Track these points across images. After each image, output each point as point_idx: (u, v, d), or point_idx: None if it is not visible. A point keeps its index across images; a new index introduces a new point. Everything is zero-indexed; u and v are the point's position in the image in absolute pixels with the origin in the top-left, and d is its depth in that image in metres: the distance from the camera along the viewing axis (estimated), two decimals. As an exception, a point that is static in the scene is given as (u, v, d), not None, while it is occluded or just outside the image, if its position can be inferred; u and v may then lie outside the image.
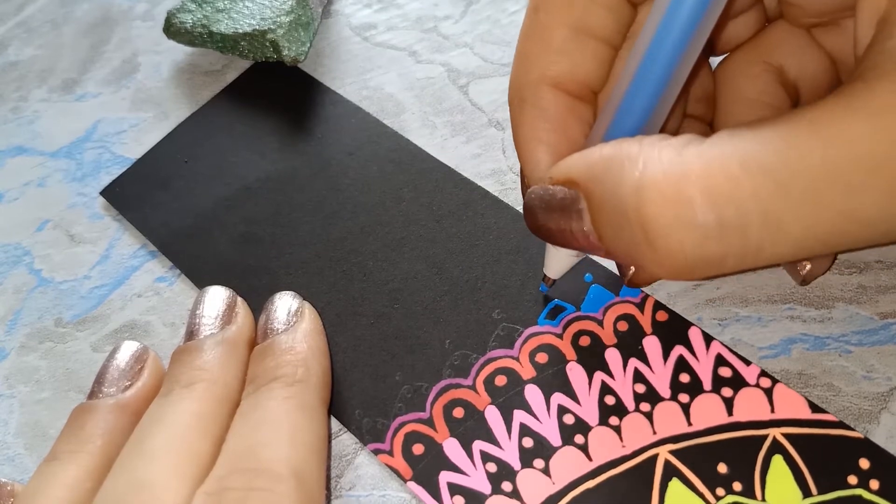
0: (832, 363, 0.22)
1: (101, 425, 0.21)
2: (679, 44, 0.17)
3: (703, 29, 0.17)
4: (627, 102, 0.18)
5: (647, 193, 0.16)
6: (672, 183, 0.16)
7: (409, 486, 0.22)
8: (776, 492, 0.20)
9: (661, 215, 0.16)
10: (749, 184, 0.15)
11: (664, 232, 0.16)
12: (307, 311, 0.24)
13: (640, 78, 0.18)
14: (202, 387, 0.21)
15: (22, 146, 0.33)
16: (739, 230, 0.16)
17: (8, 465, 0.25)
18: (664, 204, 0.16)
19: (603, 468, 0.21)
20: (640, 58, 0.18)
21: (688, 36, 0.17)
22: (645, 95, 0.18)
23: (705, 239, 0.16)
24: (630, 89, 0.18)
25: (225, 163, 0.29)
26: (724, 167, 0.15)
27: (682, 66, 0.18)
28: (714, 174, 0.15)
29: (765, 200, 0.15)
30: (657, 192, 0.16)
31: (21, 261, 0.29)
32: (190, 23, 0.32)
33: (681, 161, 0.16)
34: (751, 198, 0.15)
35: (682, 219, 0.16)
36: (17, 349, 0.27)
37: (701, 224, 0.16)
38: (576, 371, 0.23)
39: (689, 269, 0.16)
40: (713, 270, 0.17)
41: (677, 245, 0.16)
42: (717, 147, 0.16)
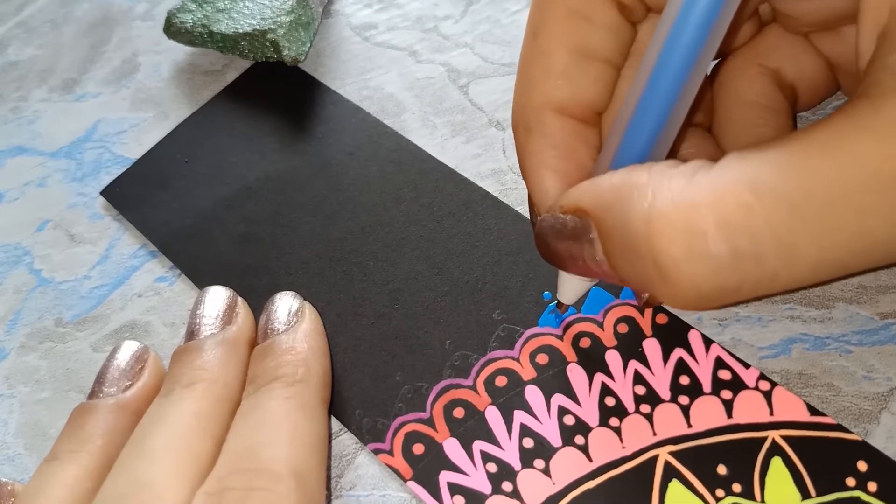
0: (832, 363, 0.22)
1: (102, 425, 0.21)
2: (685, 63, 0.17)
3: (710, 46, 0.17)
4: (635, 125, 0.18)
5: (657, 226, 0.16)
6: (682, 214, 0.15)
7: (409, 485, 0.22)
8: (775, 493, 0.20)
9: (673, 248, 0.15)
10: (762, 210, 0.15)
11: (676, 265, 0.16)
12: (308, 311, 0.24)
13: (647, 100, 0.18)
14: (202, 387, 0.21)
15: (22, 146, 0.33)
16: (754, 259, 0.15)
17: (8, 465, 0.25)
18: (675, 236, 0.15)
19: (603, 469, 0.21)
20: (645, 79, 0.18)
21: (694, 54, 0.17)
22: (652, 118, 0.18)
23: (719, 270, 0.15)
24: (636, 112, 0.18)
25: (225, 163, 0.29)
26: (735, 194, 0.15)
27: (690, 86, 0.18)
28: (725, 202, 0.15)
29: (778, 226, 0.15)
30: (667, 223, 0.15)
31: (21, 261, 0.29)
32: (190, 23, 0.32)
33: (691, 190, 0.15)
34: (764, 224, 0.15)
35: (695, 251, 0.15)
36: (17, 349, 0.27)
37: (714, 255, 0.15)
38: (576, 372, 0.23)
39: (703, 301, 0.16)
40: (728, 300, 0.16)
41: (690, 278, 0.16)
42: (726, 173, 0.15)
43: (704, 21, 0.16)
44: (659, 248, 0.16)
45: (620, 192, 0.17)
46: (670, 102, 0.17)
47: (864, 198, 0.15)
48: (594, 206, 0.17)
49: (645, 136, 0.18)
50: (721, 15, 0.17)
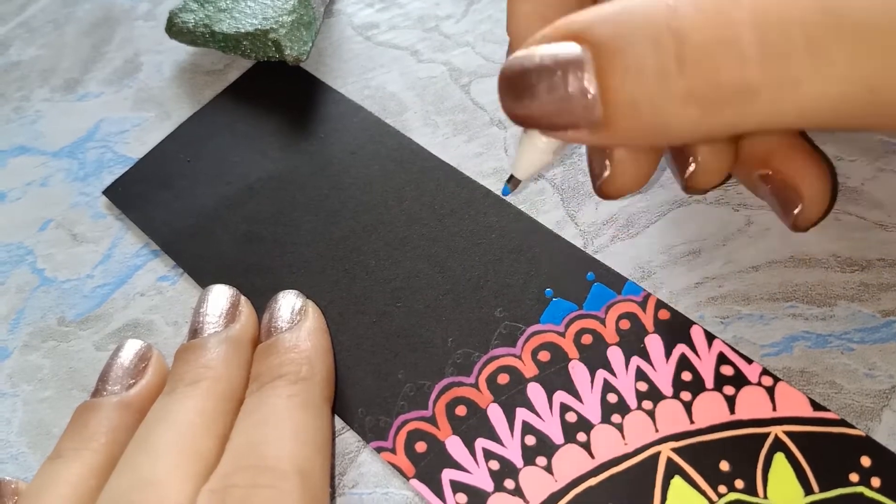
0: (834, 361, 0.22)
1: (105, 423, 0.21)
2: None
3: None
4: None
5: (686, 13, 0.15)
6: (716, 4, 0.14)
7: (411, 483, 0.22)
8: (778, 489, 0.20)
9: (704, 37, 0.14)
10: (797, 7, 0.14)
11: (706, 55, 0.15)
12: (311, 309, 0.24)
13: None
14: (206, 384, 0.21)
15: (24, 146, 0.33)
16: (781, 56, 0.14)
17: (11, 464, 0.25)
18: (706, 25, 0.14)
19: (605, 466, 0.21)
20: None
21: None
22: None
23: (744, 63, 0.14)
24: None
25: (227, 162, 0.29)
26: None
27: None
28: None
29: (811, 26, 0.14)
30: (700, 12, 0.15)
31: (24, 260, 0.29)
32: (192, 22, 0.32)
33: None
34: (796, 22, 0.14)
35: (725, 40, 0.14)
36: (20, 348, 0.27)
37: (744, 46, 0.14)
38: (578, 369, 0.23)
39: (722, 102, 0.15)
40: (742, 105, 0.15)
41: (713, 71, 0.15)
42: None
43: None
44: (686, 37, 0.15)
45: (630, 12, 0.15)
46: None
47: None
48: (593, 26, 0.16)
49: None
50: None
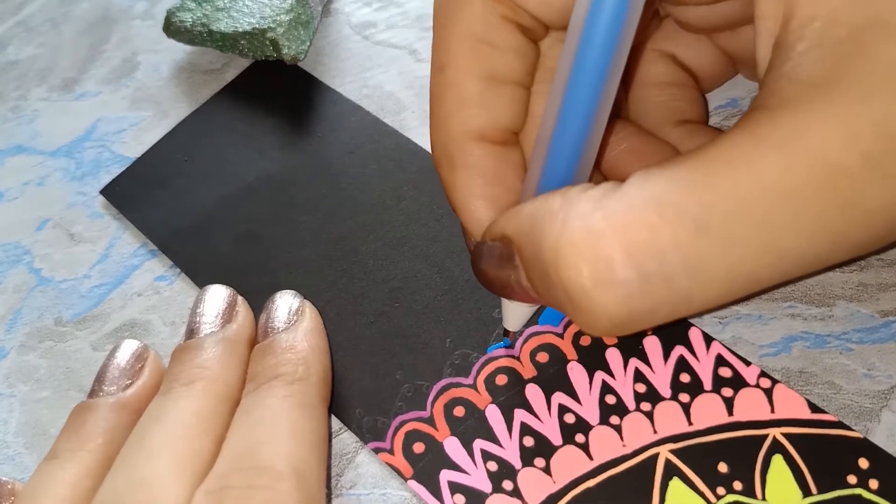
0: (833, 361, 0.22)
1: (102, 424, 0.21)
2: (596, 81, 0.17)
3: (618, 63, 0.17)
4: (556, 145, 0.18)
5: (564, 254, 0.15)
6: (588, 241, 0.15)
7: (409, 484, 0.22)
8: (776, 491, 0.20)
9: (580, 277, 0.15)
10: (667, 230, 0.15)
11: (586, 294, 0.15)
12: (308, 309, 0.24)
13: (564, 120, 0.17)
14: (202, 385, 0.21)
15: (21, 145, 0.33)
16: (664, 281, 0.15)
17: (8, 464, 0.25)
18: (581, 264, 0.15)
19: (604, 467, 0.21)
20: (559, 100, 0.17)
21: (604, 72, 0.17)
22: (571, 136, 0.17)
23: (630, 296, 0.15)
24: (556, 132, 0.18)
25: (225, 162, 0.29)
26: (639, 216, 0.15)
27: (604, 101, 0.17)
28: (630, 226, 0.15)
29: (685, 245, 0.15)
30: (574, 251, 0.15)
31: (21, 260, 0.29)
32: (189, 21, 0.32)
33: (597, 216, 0.15)
34: (670, 245, 0.15)
35: (602, 278, 0.15)
36: (17, 348, 0.27)
37: (623, 281, 0.15)
38: (576, 370, 0.23)
39: (618, 328, 0.16)
40: (644, 324, 0.16)
41: (601, 306, 0.15)
42: (631, 194, 0.15)
43: (610, 36, 0.16)
44: (567, 278, 0.15)
45: (535, 219, 0.17)
46: (587, 119, 0.17)
47: (766, 210, 0.14)
48: (515, 234, 0.17)
49: (567, 155, 0.18)
50: (626, 28, 0.16)
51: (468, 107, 0.19)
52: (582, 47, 0.17)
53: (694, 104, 0.24)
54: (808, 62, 0.15)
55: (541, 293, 0.17)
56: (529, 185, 0.19)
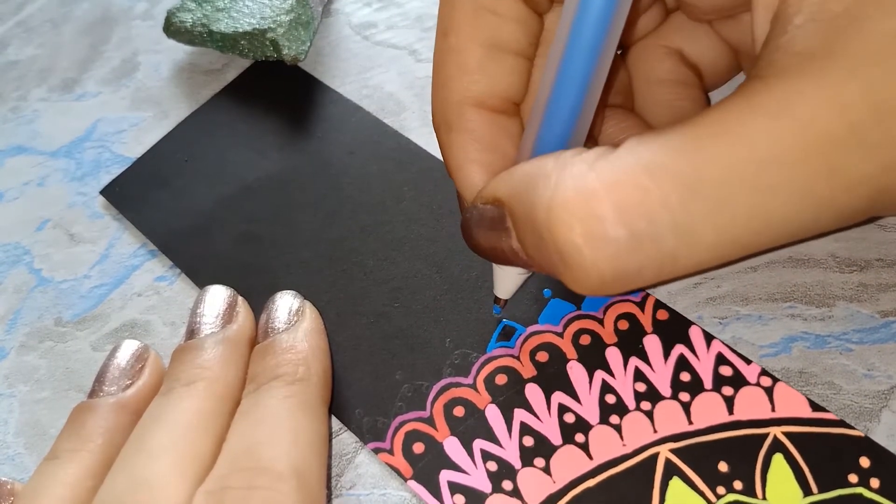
0: (833, 361, 0.22)
1: (102, 424, 0.21)
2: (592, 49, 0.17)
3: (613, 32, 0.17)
4: (551, 112, 0.18)
5: (557, 212, 0.16)
6: (581, 199, 0.16)
7: (409, 484, 0.22)
8: (777, 490, 0.20)
9: (572, 234, 0.16)
10: (658, 192, 0.15)
11: (577, 250, 0.16)
12: (308, 310, 0.24)
13: (560, 86, 0.18)
14: (203, 385, 0.21)
15: (22, 146, 0.33)
16: (652, 240, 0.15)
17: (8, 465, 0.25)
18: (574, 222, 0.16)
19: (603, 467, 0.21)
20: (556, 67, 0.18)
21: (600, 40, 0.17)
22: (566, 103, 0.18)
23: (618, 253, 0.16)
24: (552, 98, 0.18)
25: (225, 162, 0.29)
26: (632, 178, 0.15)
27: (599, 70, 0.18)
28: (622, 186, 0.15)
29: (675, 207, 0.15)
30: (566, 210, 0.16)
31: (21, 260, 0.29)
32: (190, 22, 0.32)
33: (590, 176, 0.16)
34: (660, 206, 0.15)
35: (593, 235, 0.16)
36: (16, 348, 0.27)
37: (613, 238, 0.15)
38: (576, 370, 0.23)
39: (606, 286, 0.16)
40: (631, 284, 0.16)
41: (591, 263, 0.16)
42: (624, 158, 0.16)
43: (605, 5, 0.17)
44: (559, 235, 0.16)
45: (528, 181, 0.17)
46: (583, 84, 0.18)
47: (756, 176, 0.15)
48: (507, 196, 0.18)
49: (562, 121, 0.18)
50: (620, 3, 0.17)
51: (469, 73, 0.20)
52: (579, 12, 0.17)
53: (697, 104, 0.24)
54: (804, 35, 0.15)
55: (532, 255, 0.18)
56: (524, 150, 0.20)
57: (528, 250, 0.18)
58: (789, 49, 0.15)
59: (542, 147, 0.19)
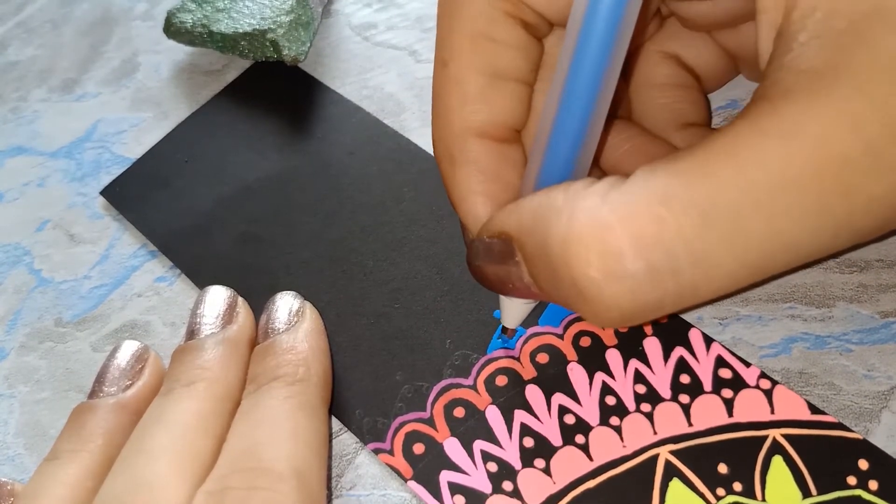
0: (833, 362, 0.22)
1: (102, 424, 0.21)
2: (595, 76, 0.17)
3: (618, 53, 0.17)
4: (555, 141, 0.18)
5: (573, 248, 0.16)
6: (597, 234, 0.15)
7: (409, 485, 0.22)
8: (776, 492, 0.20)
9: (590, 269, 0.15)
10: (673, 222, 0.15)
11: (595, 286, 0.16)
12: (308, 310, 0.24)
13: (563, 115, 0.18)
14: (203, 385, 0.21)
15: (22, 146, 0.33)
16: (671, 272, 0.15)
17: (8, 465, 0.25)
18: (591, 257, 0.15)
19: (604, 468, 0.21)
20: (558, 95, 0.18)
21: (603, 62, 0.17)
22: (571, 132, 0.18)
23: (638, 287, 0.15)
24: (555, 128, 0.18)
25: (225, 162, 0.29)
26: (646, 209, 0.15)
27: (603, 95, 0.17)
28: (637, 218, 0.15)
29: (691, 237, 0.15)
30: (582, 245, 0.15)
31: (21, 261, 0.29)
32: (190, 22, 0.32)
33: (604, 209, 0.15)
34: (677, 237, 0.15)
35: (611, 270, 0.15)
36: (16, 349, 0.27)
37: (631, 273, 0.15)
38: (576, 371, 0.23)
39: (627, 319, 0.16)
40: (652, 315, 0.16)
41: (610, 298, 0.16)
42: (637, 189, 0.16)
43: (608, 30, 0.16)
44: (577, 270, 0.16)
45: (538, 215, 0.17)
46: (587, 114, 0.17)
47: (770, 201, 0.15)
48: (516, 230, 0.17)
49: (566, 150, 0.18)
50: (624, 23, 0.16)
51: (470, 103, 0.20)
52: (581, 41, 0.17)
53: (697, 106, 0.24)
54: (810, 53, 0.15)
55: (545, 288, 0.17)
56: (528, 180, 0.19)
57: (541, 284, 0.17)
58: (794, 68, 0.15)
59: (547, 176, 0.18)
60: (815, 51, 0.15)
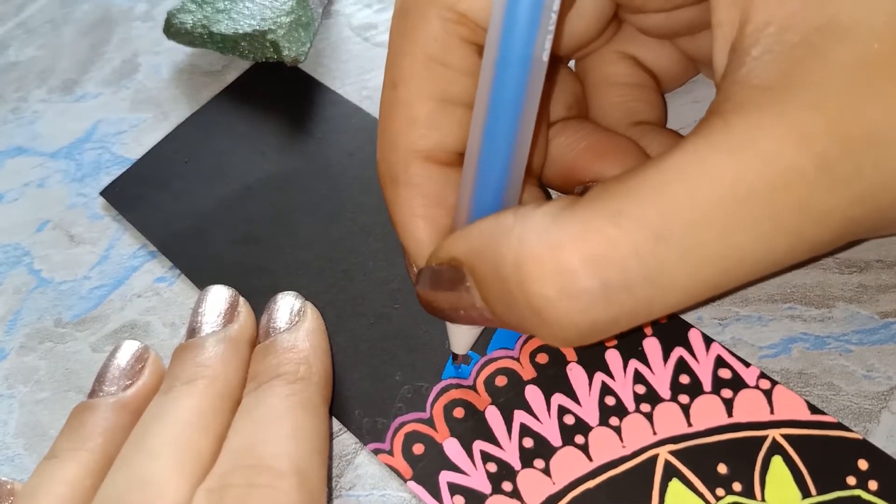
0: (832, 362, 0.22)
1: (102, 423, 0.21)
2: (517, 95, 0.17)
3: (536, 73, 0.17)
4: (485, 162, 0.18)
5: (527, 268, 0.16)
6: (550, 254, 0.15)
7: (409, 485, 0.22)
8: (776, 492, 0.20)
9: (545, 289, 0.15)
10: (626, 240, 0.15)
11: (551, 305, 0.16)
12: (309, 310, 0.24)
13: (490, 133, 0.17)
14: (203, 383, 0.21)
15: (22, 147, 0.33)
16: (625, 290, 0.15)
17: (7, 466, 0.25)
18: (545, 277, 0.15)
19: (603, 468, 0.21)
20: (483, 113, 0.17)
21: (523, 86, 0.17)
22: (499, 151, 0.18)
23: (593, 305, 0.15)
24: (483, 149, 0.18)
25: (225, 163, 0.29)
26: (599, 228, 0.15)
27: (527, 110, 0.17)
28: (590, 237, 0.15)
29: (644, 255, 0.15)
30: (536, 265, 0.15)
31: (21, 261, 0.29)
32: (190, 23, 0.32)
33: (555, 229, 0.15)
34: (630, 254, 0.15)
35: (566, 289, 0.15)
36: (16, 349, 0.27)
37: (586, 291, 0.15)
38: (576, 372, 0.23)
39: (583, 337, 0.16)
40: (608, 333, 0.16)
41: (566, 317, 0.16)
42: (589, 208, 0.15)
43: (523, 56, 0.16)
44: (531, 291, 0.16)
45: (489, 238, 0.17)
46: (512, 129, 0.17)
47: (723, 217, 0.15)
48: (466, 255, 0.17)
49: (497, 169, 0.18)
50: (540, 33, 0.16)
51: (417, 127, 0.19)
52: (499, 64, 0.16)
53: (652, 106, 0.24)
54: (762, 67, 0.15)
55: (499, 312, 0.17)
56: (462, 203, 0.19)
57: (494, 308, 0.17)
58: (747, 82, 0.15)
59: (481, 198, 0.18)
60: (768, 65, 0.15)
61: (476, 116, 0.18)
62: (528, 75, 0.17)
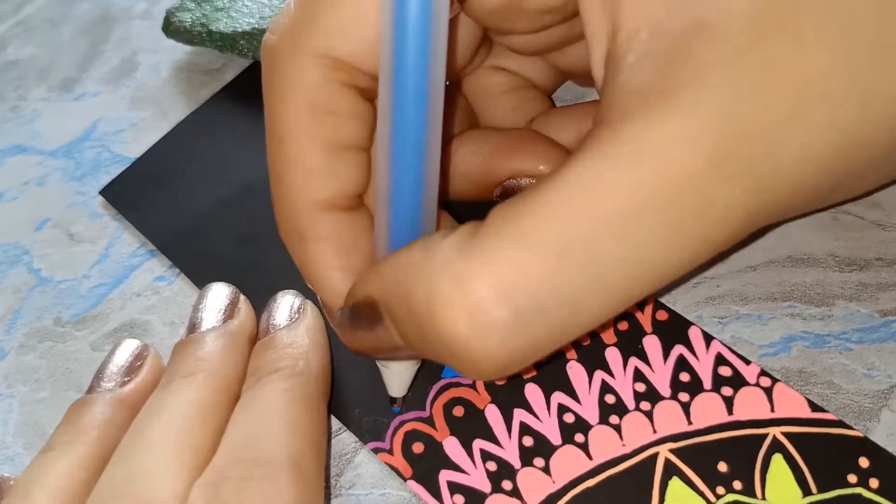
0: (832, 361, 0.22)
1: (98, 417, 0.21)
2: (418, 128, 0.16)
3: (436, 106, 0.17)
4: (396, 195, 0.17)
5: (438, 307, 0.15)
6: (459, 288, 0.15)
7: (408, 484, 0.22)
8: (776, 490, 0.20)
9: (457, 326, 0.15)
10: (532, 263, 0.15)
11: (465, 342, 0.15)
12: (309, 308, 0.24)
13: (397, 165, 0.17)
14: (202, 377, 0.21)
15: (21, 145, 0.33)
16: (538, 314, 0.15)
17: (7, 465, 0.25)
18: (455, 314, 0.15)
19: (603, 467, 0.21)
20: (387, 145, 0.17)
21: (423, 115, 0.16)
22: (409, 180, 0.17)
23: (508, 336, 0.15)
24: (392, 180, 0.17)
25: (225, 162, 0.29)
26: (504, 255, 0.15)
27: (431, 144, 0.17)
28: (497, 265, 0.15)
29: (552, 276, 0.15)
30: (446, 302, 0.15)
31: (20, 260, 0.29)
32: (189, 21, 0.32)
33: (462, 262, 0.15)
34: (537, 277, 0.15)
35: (478, 324, 0.15)
36: (16, 348, 0.27)
37: (499, 322, 0.15)
38: (576, 370, 0.23)
39: (502, 369, 0.16)
40: (528, 360, 0.16)
41: (482, 353, 0.15)
42: (492, 234, 0.15)
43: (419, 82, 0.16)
44: (444, 329, 0.15)
45: (399, 275, 0.16)
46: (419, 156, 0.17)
47: (625, 228, 0.14)
48: (379, 294, 0.17)
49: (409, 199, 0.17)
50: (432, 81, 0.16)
51: (314, 178, 0.19)
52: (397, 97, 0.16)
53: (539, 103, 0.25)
54: (639, 73, 0.15)
55: (420, 350, 0.17)
56: (379, 240, 0.19)
57: (414, 346, 0.17)
58: (627, 89, 0.15)
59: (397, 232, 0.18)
60: (644, 70, 0.15)
61: (380, 153, 0.17)
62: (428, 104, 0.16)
